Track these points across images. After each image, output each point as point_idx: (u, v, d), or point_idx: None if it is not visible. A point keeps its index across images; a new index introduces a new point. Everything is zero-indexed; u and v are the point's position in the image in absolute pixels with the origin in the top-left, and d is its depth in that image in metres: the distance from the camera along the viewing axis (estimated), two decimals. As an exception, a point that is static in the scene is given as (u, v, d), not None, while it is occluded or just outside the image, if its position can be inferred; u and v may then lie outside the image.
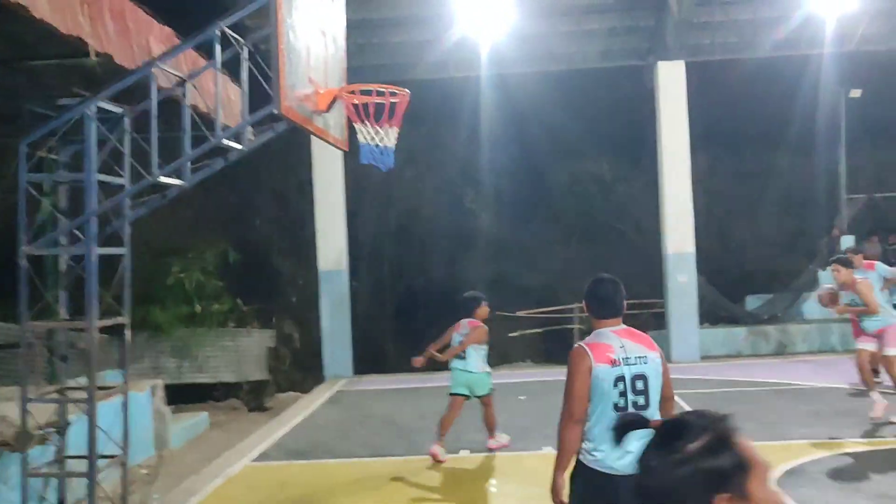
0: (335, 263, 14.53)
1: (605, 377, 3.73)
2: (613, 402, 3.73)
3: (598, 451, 3.75)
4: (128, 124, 6.30)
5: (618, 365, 3.74)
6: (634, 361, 3.78)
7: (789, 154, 18.46)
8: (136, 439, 8.46)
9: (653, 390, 3.79)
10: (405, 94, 5.93)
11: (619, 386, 3.73)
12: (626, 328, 3.92)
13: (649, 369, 3.79)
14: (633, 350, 3.81)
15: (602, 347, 3.78)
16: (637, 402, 3.75)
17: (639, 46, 14.49)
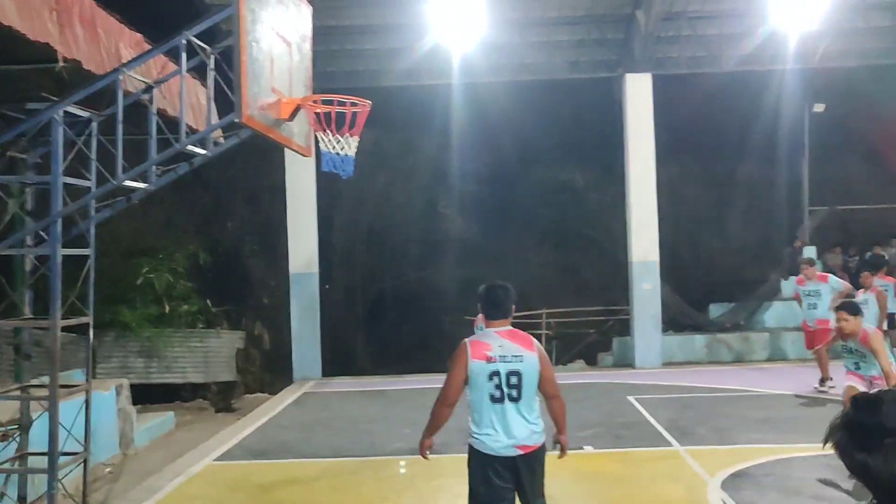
0: (306, 266, 14.67)
1: (480, 371, 4.30)
2: (489, 393, 4.31)
3: (482, 434, 4.36)
4: (95, 128, 6.44)
5: (493, 361, 4.29)
6: (511, 359, 4.32)
7: (754, 166, 18.87)
8: (101, 437, 8.59)
9: (526, 385, 4.34)
10: (366, 105, 6.11)
11: (494, 380, 4.29)
12: (509, 329, 4.43)
13: (525, 367, 4.33)
14: (511, 349, 4.33)
15: (482, 345, 4.34)
16: (511, 394, 4.31)
17: (607, 58, 14.80)
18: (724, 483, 6.96)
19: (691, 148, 18.60)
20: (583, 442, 8.67)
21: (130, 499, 7.22)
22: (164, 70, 6.90)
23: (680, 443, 8.44)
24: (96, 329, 12.56)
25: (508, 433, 4.33)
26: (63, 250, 6.16)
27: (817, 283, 11.06)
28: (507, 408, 4.32)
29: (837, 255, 16.23)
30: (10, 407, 6.62)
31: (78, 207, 6.15)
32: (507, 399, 4.30)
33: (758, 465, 7.47)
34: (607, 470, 7.58)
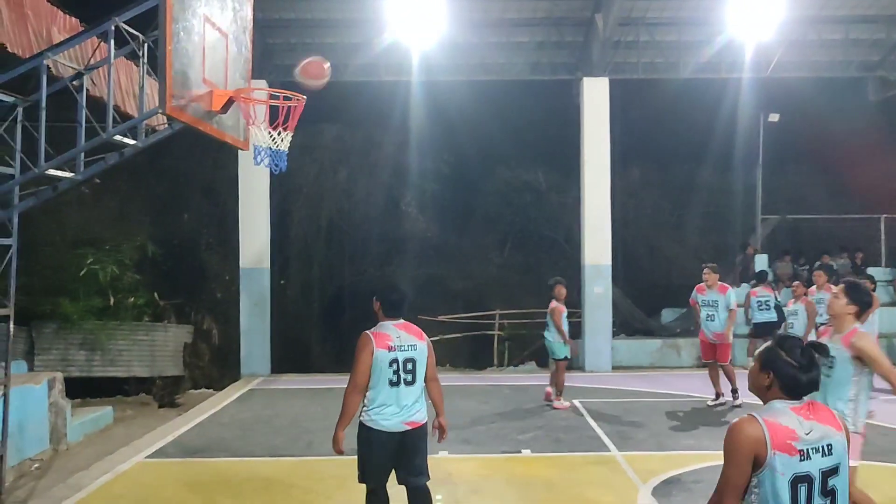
0: (256, 261, 14.48)
1: (383, 359, 4.84)
2: (388, 378, 4.87)
3: (376, 413, 4.90)
4: (21, 114, 6.25)
5: (393, 350, 4.87)
6: (407, 349, 4.92)
7: (710, 172, 19.06)
8: (29, 432, 8.37)
9: (419, 370, 4.99)
10: (301, 100, 6.00)
11: (393, 366, 4.86)
12: (403, 322, 5.02)
13: (418, 354, 4.97)
14: (407, 339, 4.94)
15: (384, 336, 4.88)
16: (406, 378, 4.92)
17: (567, 61, 14.81)
18: (656, 489, 6.96)
19: (649, 153, 18.72)
20: (521, 445, 8.65)
21: (53, 496, 7.01)
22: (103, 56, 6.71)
23: (618, 448, 8.44)
24: (36, 320, 12.35)
25: (400, 412, 4.91)
26: (-18, 239, 5.96)
27: (717, 294, 10.74)
28: (402, 390, 4.92)
29: (787, 264, 16.42)
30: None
31: (-3, 195, 5.96)
32: (402, 384, 4.91)
33: (690, 472, 7.48)
34: (541, 474, 7.54)
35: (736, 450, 2.81)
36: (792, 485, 2.77)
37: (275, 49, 14.79)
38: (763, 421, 2.81)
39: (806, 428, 2.83)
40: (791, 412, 2.86)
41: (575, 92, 14.82)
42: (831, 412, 2.96)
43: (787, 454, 2.77)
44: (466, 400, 11.43)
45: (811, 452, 2.81)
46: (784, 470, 2.78)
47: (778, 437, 2.78)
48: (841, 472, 2.86)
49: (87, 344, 12.50)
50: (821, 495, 2.80)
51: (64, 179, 6.35)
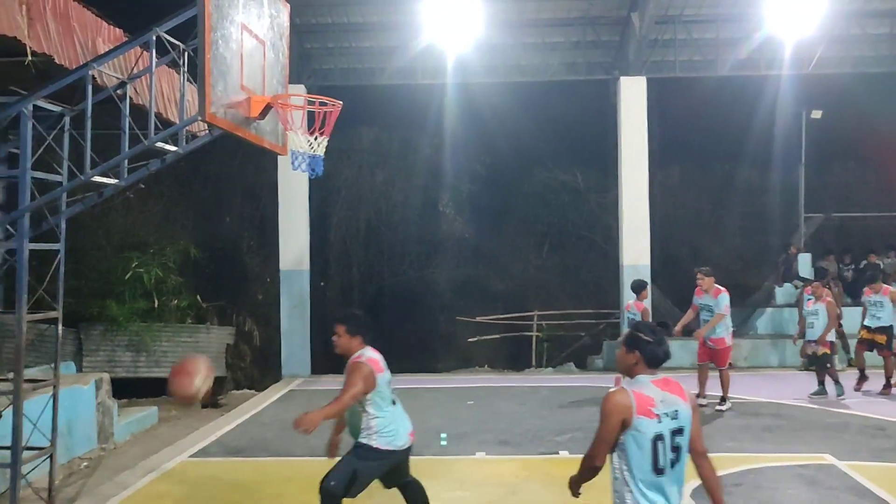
0: (296, 263, 14.67)
1: (382, 380, 5.20)
2: (390, 398, 5.28)
3: (390, 434, 5.25)
4: (67, 123, 6.45)
5: (384, 372, 5.23)
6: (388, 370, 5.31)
7: (750, 171, 18.78)
8: (78, 432, 8.60)
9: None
10: (337, 105, 6.09)
11: (390, 387, 5.27)
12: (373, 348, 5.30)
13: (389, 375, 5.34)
14: (384, 362, 5.30)
15: (378, 361, 5.21)
16: (394, 398, 5.30)
17: (603, 61, 14.75)
18: (694, 492, 6.89)
19: (687, 152, 18.52)
20: (559, 447, 8.64)
21: (100, 494, 7.20)
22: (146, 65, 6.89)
23: (657, 449, 8.37)
24: (84, 322, 12.69)
25: (405, 427, 5.34)
26: (32, 245, 6.16)
27: (710, 298, 10.47)
28: (398, 408, 5.37)
29: (832, 263, 16.11)
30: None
31: (45, 202, 6.15)
32: (397, 401, 5.36)
33: (730, 475, 7.39)
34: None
35: (610, 414, 3.53)
36: (652, 442, 3.53)
37: (312, 54, 14.98)
38: (632, 392, 3.55)
39: (661, 397, 3.58)
40: (652, 385, 3.61)
41: (612, 91, 14.75)
42: (681, 386, 3.71)
43: (647, 418, 3.52)
44: (505, 401, 11.45)
45: (664, 417, 3.56)
46: (646, 430, 3.52)
47: (642, 405, 3.52)
48: (684, 433, 3.64)
49: (133, 345, 12.79)
50: (670, 450, 3.58)
51: (109, 186, 6.53)
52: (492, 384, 13.21)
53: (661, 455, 3.54)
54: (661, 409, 3.55)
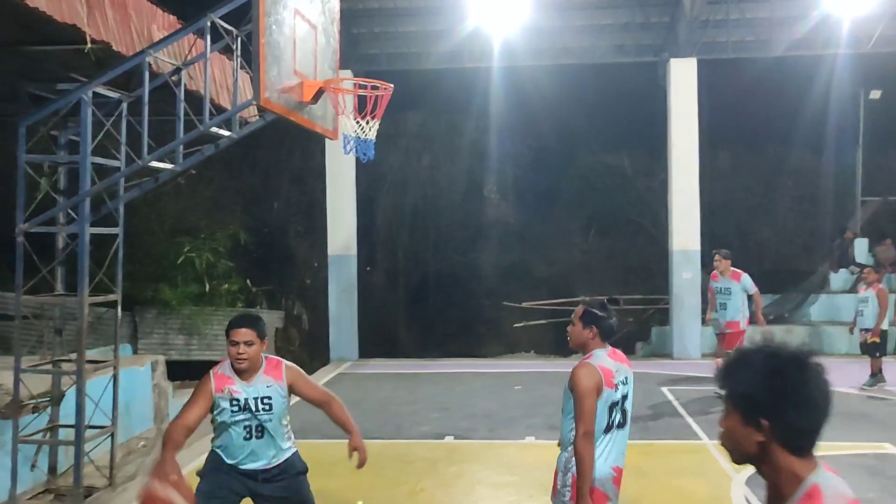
0: (344, 248, 14.78)
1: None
2: None
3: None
4: (125, 109, 6.57)
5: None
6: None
7: (804, 154, 18.31)
8: (135, 412, 8.82)
9: None
10: (388, 89, 6.09)
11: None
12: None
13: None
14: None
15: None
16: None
17: (652, 42, 14.50)
18: (750, 479, 6.80)
19: (738, 135, 18.12)
20: (609, 432, 8.59)
21: (158, 472, 7.37)
22: (199, 51, 6.97)
23: (709, 437, 8.27)
24: (139, 306, 12.98)
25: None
26: (92, 229, 6.30)
27: (729, 281, 10.22)
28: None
29: (889, 249, 15.69)
30: (44, 380, 6.83)
31: (105, 187, 6.27)
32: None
33: (787, 462, 7.28)
34: (628, 461, 7.42)
35: (590, 392, 3.83)
36: (609, 407, 3.91)
37: (359, 39, 15.00)
38: (598, 367, 3.89)
39: (616, 367, 3.96)
40: (608, 357, 3.97)
41: (661, 74, 14.50)
42: (624, 354, 4.14)
43: (610, 388, 3.90)
44: (552, 386, 11.37)
45: (620, 385, 3.96)
46: (607, 398, 3.89)
47: (608, 378, 3.90)
48: (629, 397, 4.08)
49: (185, 328, 13.06)
50: (619, 413, 4.00)
51: (165, 171, 6.64)
52: (538, 369, 13.18)
53: (612, 418, 3.95)
54: (617, 378, 3.95)
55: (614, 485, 4.00)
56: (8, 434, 6.33)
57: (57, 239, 6.75)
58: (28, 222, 6.23)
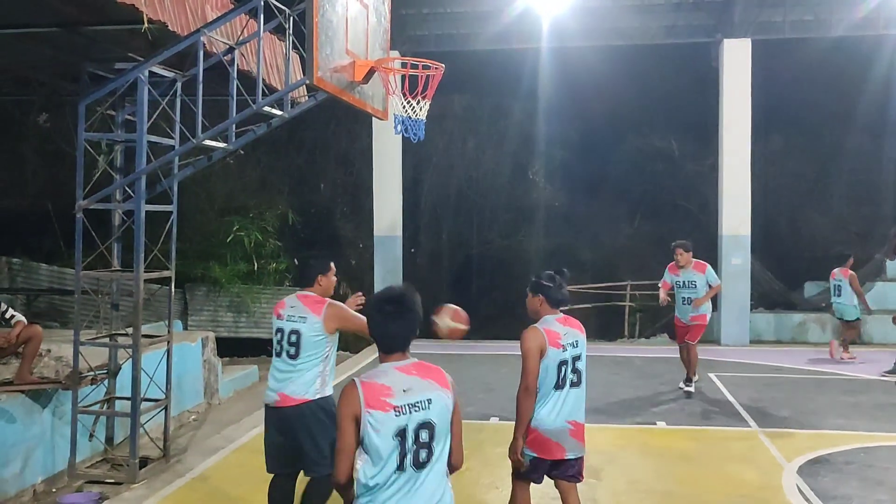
0: (389, 229, 14.84)
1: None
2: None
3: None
4: (179, 88, 6.66)
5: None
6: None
7: (860, 137, 17.79)
8: (186, 387, 9.00)
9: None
10: (439, 68, 6.06)
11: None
12: None
13: None
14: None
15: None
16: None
17: (705, 23, 14.19)
18: (802, 469, 6.70)
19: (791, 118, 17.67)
20: (655, 417, 8.52)
21: (209, 446, 7.55)
22: (250, 31, 7.02)
23: (759, 424, 8.16)
24: (189, 283, 13.22)
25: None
26: (147, 206, 6.42)
27: (694, 273, 9.63)
28: None
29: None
30: (102, 353, 7.01)
31: (160, 165, 6.38)
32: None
33: (840, 452, 7.15)
34: (677, 447, 7.42)
35: (531, 351, 4.40)
36: (557, 365, 4.44)
37: (407, 19, 14.95)
38: (543, 330, 4.45)
39: (564, 331, 4.50)
40: (556, 322, 4.52)
41: (714, 55, 14.19)
42: (579, 322, 4.63)
43: (556, 348, 4.44)
44: (597, 370, 11.27)
45: (568, 346, 4.48)
46: (555, 357, 4.43)
47: (552, 339, 4.43)
48: (582, 359, 4.58)
49: (234, 306, 13.26)
50: (572, 372, 4.51)
51: (217, 149, 6.73)
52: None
53: (563, 375, 4.45)
54: (565, 340, 4.47)
55: (572, 437, 4.50)
56: (68, 405, 6.52)
57: (114, 216, 6.89)
58: (87, 199, 6.37)
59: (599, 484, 6.33)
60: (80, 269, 6.44)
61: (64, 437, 6.49)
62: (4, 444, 5.91)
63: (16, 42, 6.47)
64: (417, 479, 2.98)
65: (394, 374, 3.03)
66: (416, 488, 2.97)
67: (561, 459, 4.49)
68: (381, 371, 3.05)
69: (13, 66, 7.60)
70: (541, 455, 4.46)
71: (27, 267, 13.11)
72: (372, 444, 2.92)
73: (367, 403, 2.91)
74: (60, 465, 6.51)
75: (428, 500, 3.00)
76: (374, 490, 2.93)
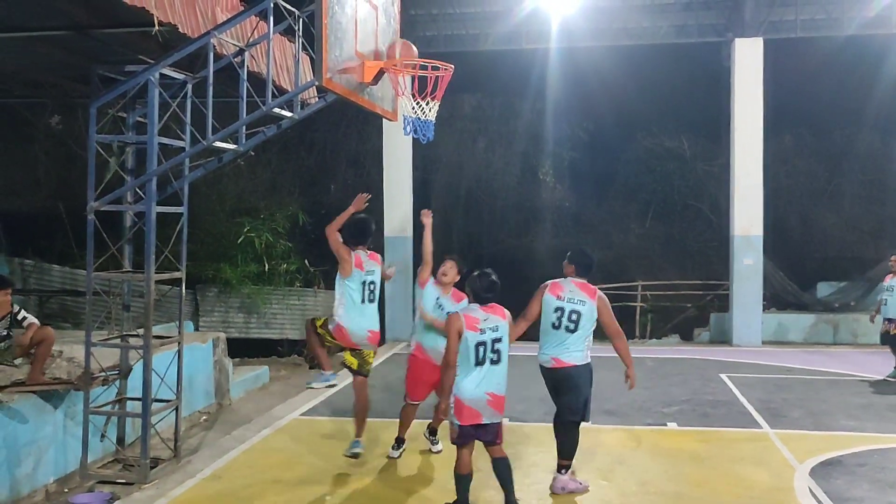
0: (400, 230, 14.86)
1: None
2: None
3: None
4: (190, 90, 6.69)
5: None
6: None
7: (873, 137, 17.68)
8: (197, 387, 9.04)
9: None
10: (449, 69, 6.06)
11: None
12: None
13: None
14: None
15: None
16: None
17: (716, 22, 14.13)
18: (814, 470, 6.66)
19: (803, 117, 17.58)
20: (667, 418, 8.48)
21: (220, 446, 7.57)
22: (260, 33, 7.04)
23: (770, 425, 8.12)
24: (200, 284, 13.26)
25: None
26: (158, 207, 6.44)
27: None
28: None
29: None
30: (113, 354, 7.04)
31: (170, 166, 6.40)
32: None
33: (852, 454, 7.11)
34: (688, 448, 7.38)
35: (451, 331, 5.26)
36: (475, 346, 5.26)
37: (417, 20, 14.97)
38: (463, 315, 5.30)
39: (484, 317, 5.31)
40: (479, 309, 5.35)
41: (725, 54, 14.13)
42: (503, 310, 5.43)
43: (473, 331, 5.26)
44: (608, 371, 11.20)
45: (488, 330, 5.28)
46: (473, 339, 5.25)
47: (470, 323, 5.26)
48: (503, 341, 5.35)
49: (245, 307, 13.29)
50: (492, 352, 5.31)
51: (228, 151, 6.75)
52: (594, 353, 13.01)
53: (483, 354, 5.27)
54: (484, 325, 5.26)
55: (489, 406, 5.32)
56: (79, 405, 6.56)
57: (125, 217, 6.92)
58: (98, 201, 6.40)
59: (609, 486, 6.32)
60: (92, 270, 6.47)
61: (76, 438, 6.52)
62: (17, 444, 5.94)
63: (27, 45, 6.52)
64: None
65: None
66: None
67: (480, 424, 5.33)
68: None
69: (25, 69, 7.66)
70: (462, 422, 5.31)
71: (39, 268, 13.19)
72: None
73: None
74: (72, 466, 6.55)
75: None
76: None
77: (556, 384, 6.07)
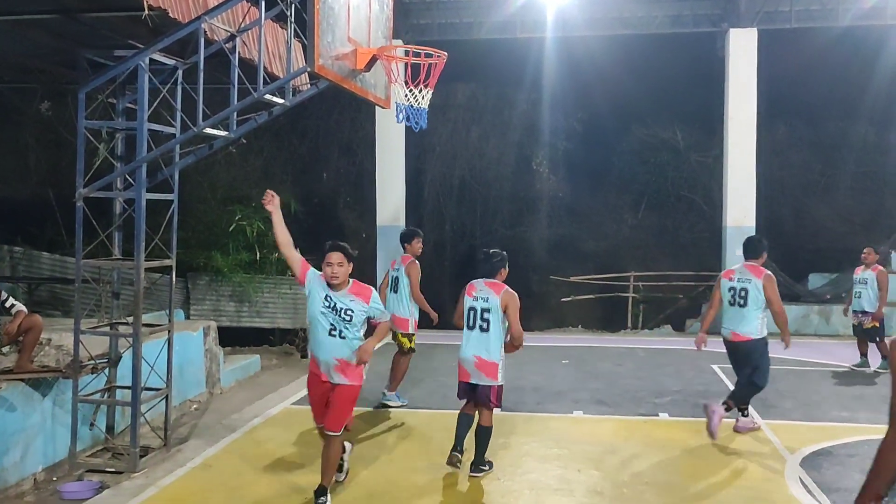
0: (392, 219, 14.82)
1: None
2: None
3: None
4: (180, 76, 6.61)
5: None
6: None
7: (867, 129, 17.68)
8: (188, 376, 8.99)
9: None
10: (442, 57, 6.00)
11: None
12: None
13: None
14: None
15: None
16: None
17: (711, 12, 14.09)
18: (805, 461, 6.67)
19: (796, 109, 17.56)
20: (658, 409, 8.49)
21: (211, 435, 7.53)
22: (252, 19, 6.95)
23: (762, 416, 8.13)
24: (191, 272, 13.17)
25: None
26: (148, 195, 6.38)
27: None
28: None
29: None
30: (102, 342, 6.99)
31: (160, 153, 6.33)
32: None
33: (843, 445, 7.12)
34: (680, 438, 7.39)
35: (461, 296, 6.22)
36: (468, 310, 6.13)
37: (411, 8, 14.89)
38: (468, 285, 6.20)
39: (480, 287, 6.11)
40: (482, 283, 6.15)
41: (719, 45, 14.11)
42: (499, 286, 6.11)
43: (469, 297, 6.13)
44: (600, 361, 11.31)
45: (479, 299, 6.08)
46: (467, 304, 6.11)
47: (469, 290, 6.14)
48: (491, 311, 6.04)
49: (236, 296, 13.18)
50: (481, 320, 6.05)
51: (219, 138, 6.68)
52: (586, 344, 13.07)
53: (471, 319, 6.10)
54: (477, 294, 6.09)
55: (476, 368, 6.11)
56: (68, 393, 6.50)
57: (114, 204, 6.86)
58: (87, 187, 6.33)
59: (602, 475, 6.31)
60: (81, 257, 6.41)
61: (64, 426, 6.47)
62: (5, 432, 5.89)
63: (14, 29, 6.42)
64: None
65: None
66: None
67: (470, 383, 6.19)
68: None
69: (12, 54, 7.56)
70: (459, 377, 6.29)
71: (29, 255, 13.07)
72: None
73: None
74: (61, 454, 6.50)
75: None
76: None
77: (735, 357, 7.51)
